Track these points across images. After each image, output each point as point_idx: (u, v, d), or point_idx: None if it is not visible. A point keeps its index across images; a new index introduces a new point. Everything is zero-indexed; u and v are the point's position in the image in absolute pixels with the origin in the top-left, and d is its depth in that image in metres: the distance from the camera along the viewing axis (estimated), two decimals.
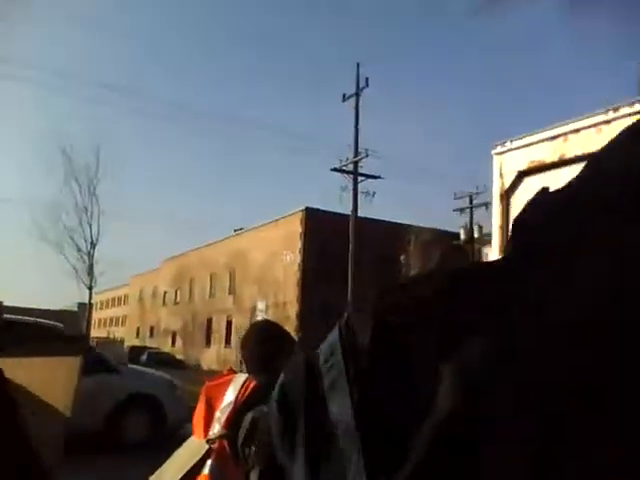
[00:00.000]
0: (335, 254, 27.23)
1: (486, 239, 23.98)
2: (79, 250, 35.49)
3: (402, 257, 23.92)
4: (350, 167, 25.52)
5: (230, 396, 2.25)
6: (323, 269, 29.57)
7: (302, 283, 31.52)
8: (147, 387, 9.48)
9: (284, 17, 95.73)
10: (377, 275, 27.11)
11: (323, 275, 29.49)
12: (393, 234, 25.58)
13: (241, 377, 2.32)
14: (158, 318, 53.95)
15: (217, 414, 2.23)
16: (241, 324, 31.46)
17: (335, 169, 25.64)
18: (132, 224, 76.38)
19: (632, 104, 4.38)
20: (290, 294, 32.43)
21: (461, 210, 30.91)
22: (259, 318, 23.43)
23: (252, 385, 2.24)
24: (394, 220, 29.69)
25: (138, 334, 58.66)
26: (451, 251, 26.49)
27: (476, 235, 28.03)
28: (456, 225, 30.64)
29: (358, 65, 25.90)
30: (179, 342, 47.07)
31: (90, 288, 36.26)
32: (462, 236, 29.21)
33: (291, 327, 31.32)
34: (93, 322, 67.59)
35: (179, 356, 39.69)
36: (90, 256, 35.41)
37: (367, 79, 25.61)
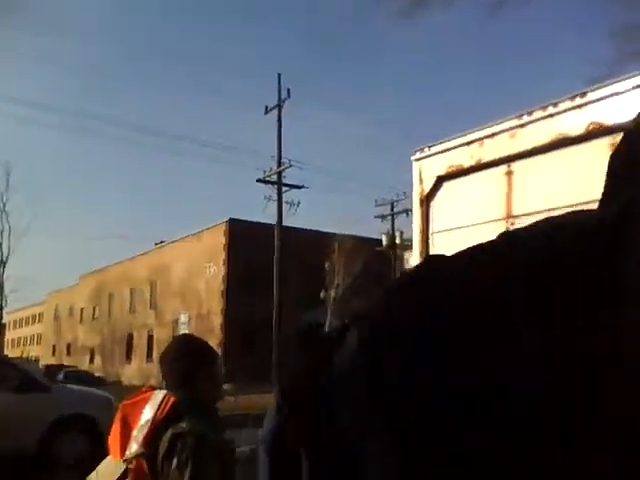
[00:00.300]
0: (260, 264, 27.09)
1: (407, 244, 24.47)
2: None
3: (327, 265, 24.01)
4: (274, 178, 25.50)
5: (148, 414, 2.15)
6: (247, 280, 29.33)
7: (226, 295, 31.14)
8: (81, 406, 8.96)
9: (204, 26, 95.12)
10: (302, 284, 27.14)
11: (248, 286, 29.25)
12: (317, 243, 25.68)
13: (159, 394, 2.22)
14: (75, 335, 52.02)
15: (134, 432, 2.12)
16: (163, 338, 30.70)
17: (260, 180, 25.57)
18: (47, 239, 73.45)
19: (545, 108, 4.53)
20: (214, 306, 31.98)
21: (383, 217, 31.49)
22: (182, 331, 22.92)
23: (171, 401, 2.16)
24: (318, 229, 29.90)
25: (54, 352, 56.35)
26: (374, 257, 26.88)
27: (398, 241, 28.60)
28: (378, 232, 31.22)
29: (279, 76, 26.01)
30: (98, 359, 45.52)
31: (0, 308, 34.46)
32: (384, 242, 29.74)
33: (215, 339, 30.86)
34: (6, 342, 64.44)
35: (98, 373, 38.29)
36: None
37: (289, 90, 25.74)
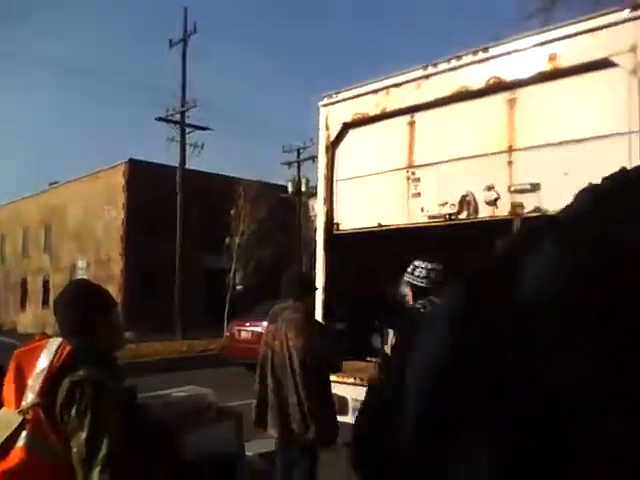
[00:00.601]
0: (161, 208, 26.39)
1: (313, 192, 24.60)
2: None
3: (232, 211, 23.76)
4: (177, 117, 24.64)
5: (43, 362, 2.09)
6: (148, 224, 28.55)
7: (126, 239, 30.22)
8: None
9: None
10: (206, 228, 26.81)
11: (149, 230, 28.50)
12: (222, 187, 25.24)
13: (55, 342, 2.16)
14: None
15: (30, 382, 2.06)
16: (59, 284, 29.53)
17: (161, 119, 24.59)
18: None
19: (449, 60, 4.62)
20: (113, 251, 31.00)
21: (289, 164, 31.39)
22: (79, 277, 22.19)
23: (67, 349, 2.11)
24: (224, 173, 29.39)
25: None
26: (279, 204, 26.88)
27: (303, 188, 28.69)
28: (285, 179, 31.16)
29: (186, 10, 24.79)
30: None
31: None
32: (290, 189, 29.74)
33: (115, 285, 30.07)
34: None
35: None
36: None
37: (195, 24, 24.62)
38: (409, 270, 3.61)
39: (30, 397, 2.02)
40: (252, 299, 17.00)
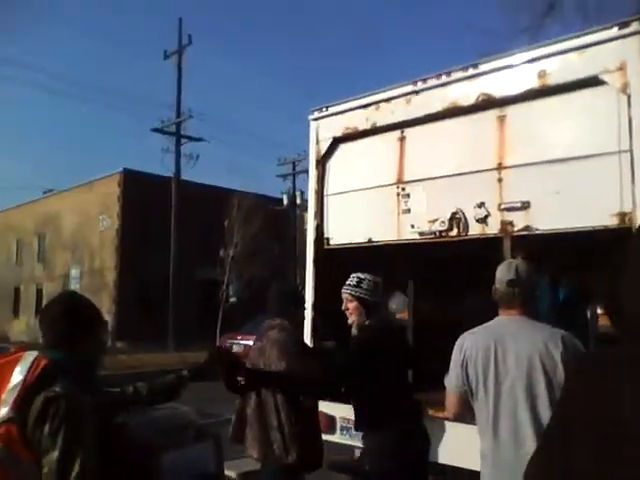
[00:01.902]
0: (156, 218, 26.33)
1: (307, 205, 24.55)
2: None
3: (226, 222, 23.72)
4: (172, 128, 24.67)
5: (18, 376, 2.02)
6: (143, 234, 28.47)
7: (120, 249, 30.13)
8: None
9: None
10: (200, 240, 26.74)
11: (143, 240, 28.41)
12: (217, 198, 25.23)
13: (30, 355, 2.10)
14: None
15: (3, 396, 1.99)
16: (53, 293, 29.37)
17: (156, 130, 24.62)
18: None
19: (439, 76, 4.60)
20: (107, 260, 30.89)
21: (284, 176, 31.41)
22: (73, 287, 22.08)
23: (43, 363, 2.05)
24: (218, 185, 29.38)
25: None
26: (274, 217, 26.85)
27: (298, 201, 28.69)
28: (279, 191, 31.17)
29: (180, 20, 24.88)
30: None
31: None
32: (285, 202, 29.74)
33: (108, 295, 29.97)
34: None
35: None
36: None
37: (190, 36, 24.70)
38: (353, 283, 3.46)
39: (3, 411, 1.95)
40: (245, 312, 16.94)
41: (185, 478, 2.45)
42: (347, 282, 3.51)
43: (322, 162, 5.36)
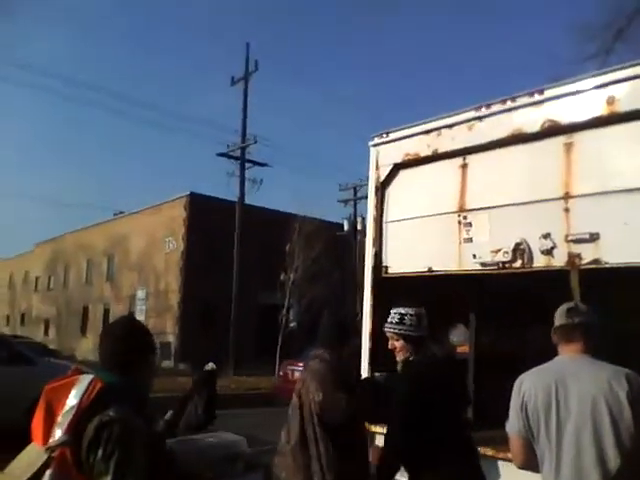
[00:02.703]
0: (220, 242, 26.81)
1: None
2: None
3: (287, 246, 23.89)
4: (237, 153, 25.15)
5: (73, 399, 2.04)
6: (207, 257, 29.02)
7: (184, 271, 30.76)
8: None
9: None
10: (262, 264, 26.99)
11: (207, 263, 28.95)
12: (279, 223, 25.50)
13: (85, 379, 2.12)
14: (30, 305, 50.92)
15: (59, 419, 2.01)
16: (119, 313, 30.22)
17: (222, 154, 25.16)
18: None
19: (504, 102, 4.48)
20: (172, 282, 31.58)
21: (345, 202, 31.48)
22: (139, 307, 22.61)
23: (98, 387, 2.06)
24: (280, 209, 29.72)
25: (8, 322, 55.05)
26: (334, 242, 26.85)
27: (359, 227, 28.61)
28: (341, 216, 31.23)
29: (248, 46, 25.47)
30: (52, 331, 44.69)
31: None
32: (345, 227, 29.74)
33: (172, 317, 30.57)
34: None
35: (52, 346, 37.63)
36: None
37: (256, 62, 25.25)
38: (395, 320, 3.34)
39: (58, 435, 1.97)
40: (305, 337, 16.89)
41: None
42: (389, 320, 3.38)
43: (382, 188, 5.29)
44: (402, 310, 3.35)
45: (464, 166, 4.70)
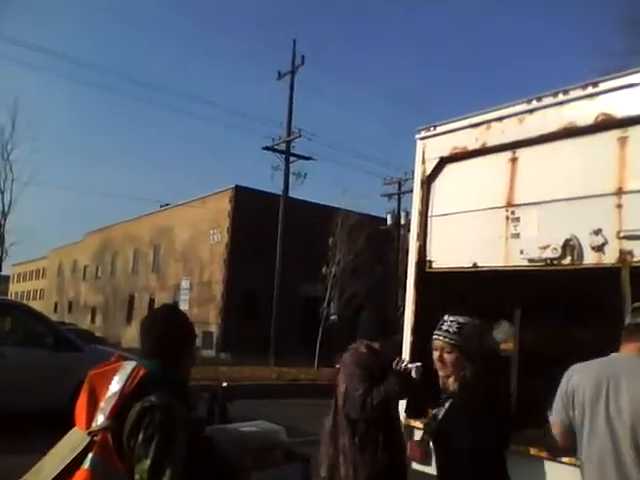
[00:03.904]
0: (263, 234, 27.01)
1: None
2: None
3: (330, 240, 23.90)
4: (282, 146, 25.26)
5: (116, 385, 2.08)
6: (250, 249, 29.29)
7: (228, 262, 31.13)
8: None
9: None
10: (305, 257, 27.10)
11: (250, 255, 29.23)
12: (322, 216, 25.52)
13: (129, 365, 2.16)
14: (77, 293, 52.37)
15: (102, 404, 2.05)
16: (164, 302, 30.77)
17: (267, 148, 25.33)
18: (52, 193, 73.61)
19: (556, 94, 4.36)
20: (216, 273, 32.03)
21: (389, 196, 31.30)
22: (183, 297, 22.91)
23: (141, 373, 2.09)
24: (324, 202, 29.76)
25: (56, 309, 56.74)
26: (377, 236, 26.74)
27: (403, 221, 28.44)
28: (384, 211, 31.09)
29: (294, 42, 25.59)
30: (99, 318, 45.85)
31: (0, 260, 34.39)
32: (389, 221, 29.60)
33: (215, 307, 30.99)
34: (10, 295, 64.92)
35: (99, 333, 38.62)
36: (1, 226, 33.49)
37: (303, 57, 25.37)
38: (453, 329, 2.80)
39: (100, 419, 2.01)
40: (345, 330, 16.89)
41: None
42: (443, 327, 2.83)
43: (427, 182, 5.22)
44: (461, 319, 2.83)
45: (513, 160, 4.60)
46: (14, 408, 8.20)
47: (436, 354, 2.80)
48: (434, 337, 2.83)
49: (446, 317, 2.87)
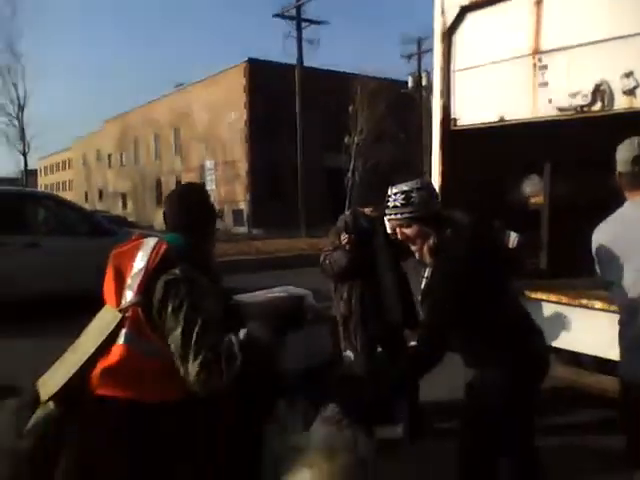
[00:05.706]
0: (281, 106, 26.49)
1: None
2: (8, 114, 33.19)
3: (350, 108, 23.36)
4: (293, 13, 24.14)
5: (140, 262, 2.10)
6: (269, 124, 28.90)
7: (250, 140, 30.87)
8: None
9: None
10: (326, 127, 26.68)
11: (269, 131, 28.88)
12: (341, 84, 24.78)
13: (151, 241, 2.17)
14: (105, 181, 52.93)
15: (128, 281, 2.09)
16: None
17: (277, 15, 24.21)
18: (65, 81, 72.27)
19: None
20: (238, 152, 31.89)
21: (409, 57, 30.03)
22: (208, 178, 22.99)
23: (164, 248, 2.10)
24: (340, 70, 28.74)
25: (87, 198, 57.72)
26: (399, 100, 26.01)
27: (424, 83, 27.44)
28: (404, 73, 29.97)
29: None
30: (130, 204, 46.62)
31: (24, 154, 34.56)
32: (410, 84, 28.58)
33: (242, 186, 31.18)
34: (40, 187, 66.00)
35: (131, 218, 39.48)
36: (20, 120, 33.31)
37: None
38: (399, 203, 2.50)
39: (129, 296, 2.06)
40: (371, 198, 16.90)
41: (304, 358, 2.50)
42: (390, 204, 2.52)
43: (448, 35, 4.94)
44: (405, 187, 2.50)
45: (539, 3, 4.29)
46: (55, 293, 8.53)
47: (398, 234, 2.55)
48: (386, 218, 2.58)
49: (389, 191, 2.56)
